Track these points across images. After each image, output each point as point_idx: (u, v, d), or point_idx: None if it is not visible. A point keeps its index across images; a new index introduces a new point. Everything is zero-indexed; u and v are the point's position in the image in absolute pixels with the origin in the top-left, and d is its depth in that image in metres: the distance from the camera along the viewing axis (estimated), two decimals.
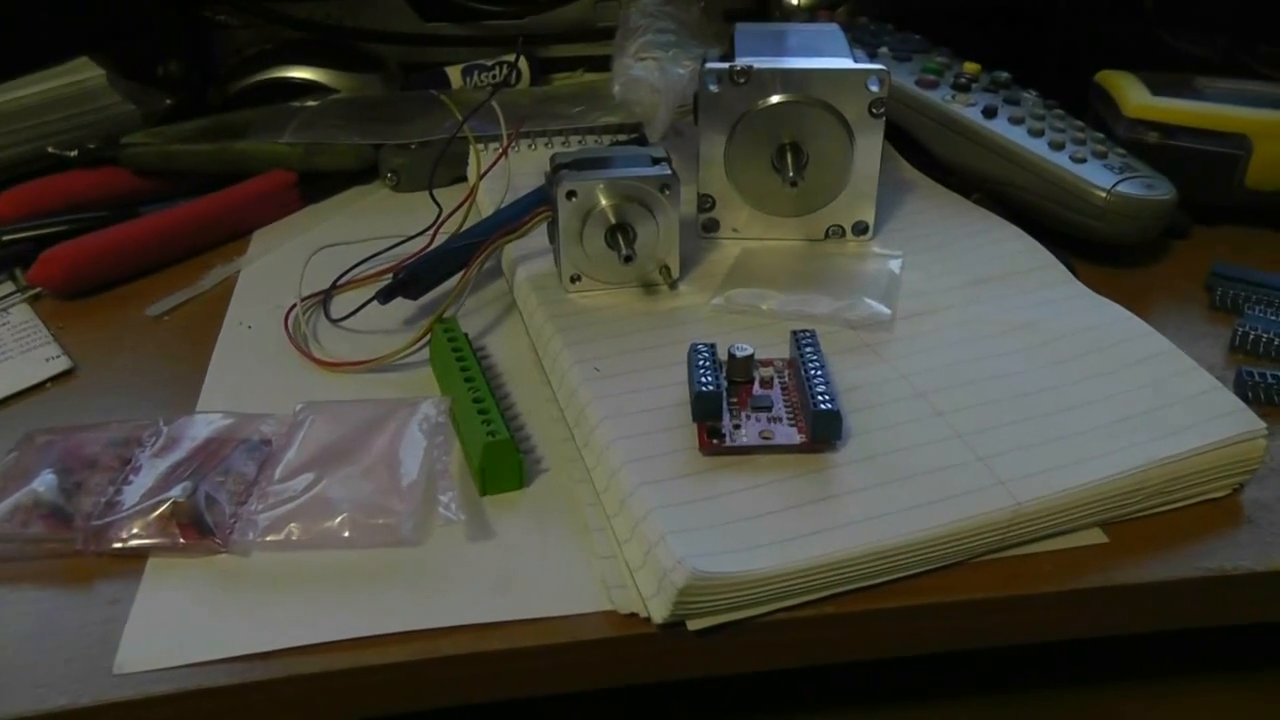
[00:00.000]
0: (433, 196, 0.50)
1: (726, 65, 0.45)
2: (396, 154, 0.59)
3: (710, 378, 0.35)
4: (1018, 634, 0.33)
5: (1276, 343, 0.43)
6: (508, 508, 0.35)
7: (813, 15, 0.68)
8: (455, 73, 0.69)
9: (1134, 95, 0.54)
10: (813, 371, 0.36)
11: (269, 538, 0.33)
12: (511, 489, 0.36)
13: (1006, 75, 0.56)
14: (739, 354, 0.37)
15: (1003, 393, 0.37)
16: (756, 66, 0.45)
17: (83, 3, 0.64)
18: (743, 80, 0.45)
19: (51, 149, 0.57)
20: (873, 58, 0.48)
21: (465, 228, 0.48)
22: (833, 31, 0.50)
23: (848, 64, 0.46)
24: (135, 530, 0.33)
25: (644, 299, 0.44)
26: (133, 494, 0.35)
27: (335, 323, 0.46)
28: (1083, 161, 0.49)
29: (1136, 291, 0.47)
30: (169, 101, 0.62)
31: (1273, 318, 0.45)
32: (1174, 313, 0.47)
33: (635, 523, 0.32)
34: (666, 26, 0.52)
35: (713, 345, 0.37)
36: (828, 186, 0.47)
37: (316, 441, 0.37)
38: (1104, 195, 0.48)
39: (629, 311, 0.43)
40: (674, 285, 0.44)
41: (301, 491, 0.35)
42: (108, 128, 0.58)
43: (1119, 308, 0.42)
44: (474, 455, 0.36)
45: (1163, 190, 0.49)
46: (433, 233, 0.49)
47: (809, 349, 0.37)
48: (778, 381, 0.38)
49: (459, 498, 0.35)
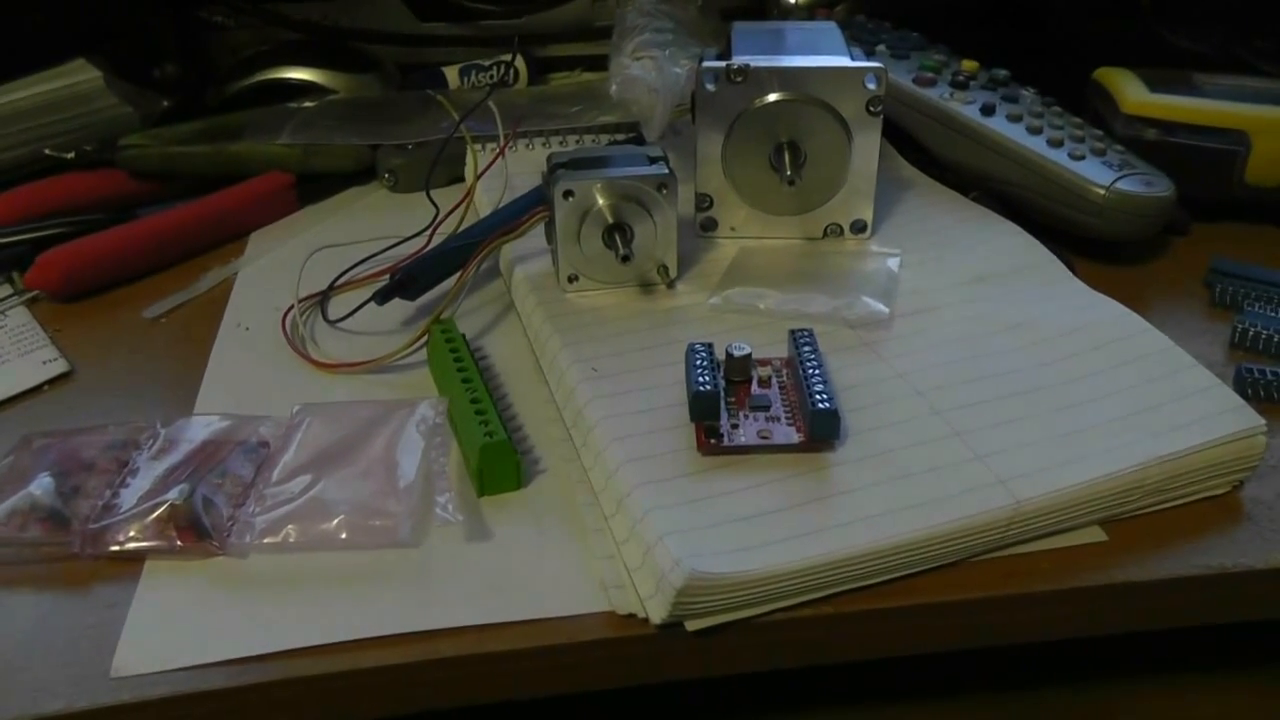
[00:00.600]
0: (430, 197, 0.50)
1: (724, 64, 0.45)
2: (394, 154, 0.59)
3: (708, 377, 0.35)
4: (1017, 633, 0.33)
5: (1276, 339, 0.43)
6: (505, 508, 0.35)
7: (810, 13, 0.68)
8: (452, 73, 0.69)
9: (1132, 92, 0.54)
10: (811, 370, 0.36)
11: (266, 540, 0.33)
12: (509, 490, 0.36)
13: (1005, 73, 0.56)
14: (737, 353, 0.37)
15: (1002, 391, 0.37)
16: (754, 65, 0.45)
17: (79, 4, 0.64)
18: (740, 79, 0.45)
19: (48, 151, 0.57)
20: (870, 56, 0.47)
21: (463, 228, 0.48)
22: (830, 29, 0.50)
23: (845, 62, 0.45)
24: (132, 533, 0.33)
25: (642, 298, 0.44)
26: (130, 497, 0.35)
27: (333, 324, 0.46)
28: (1081, 159, 0.49)
29: (1135, 289, 0.47)
30: (166, 103, 0.62)
31: (1272, 314, 0.45)
32: (1173, 310, 0.47)
33: (633, 523, 0.32)
34: (664, 25, 0.52)
35: (710, 345, 0.37)
36: (826, 185, 0.47)
37: (314, 443, 0.37)
38: (1103, 192, 0.48)
39: (627, 311, 0.43)
40: (672, 285, 0.44)
41: (299, 493, 0.35)
42: (105, 130, 0.58)
43: (1118, 305, 0.42)
44: (471, 456, 0.36)
45: (1162, 187, 0.49)
46: (430, 233, 0.49)
47: (807, 348, 0.37)
48: (776, 381, 0.38)
49: (456, 499, 0.35)
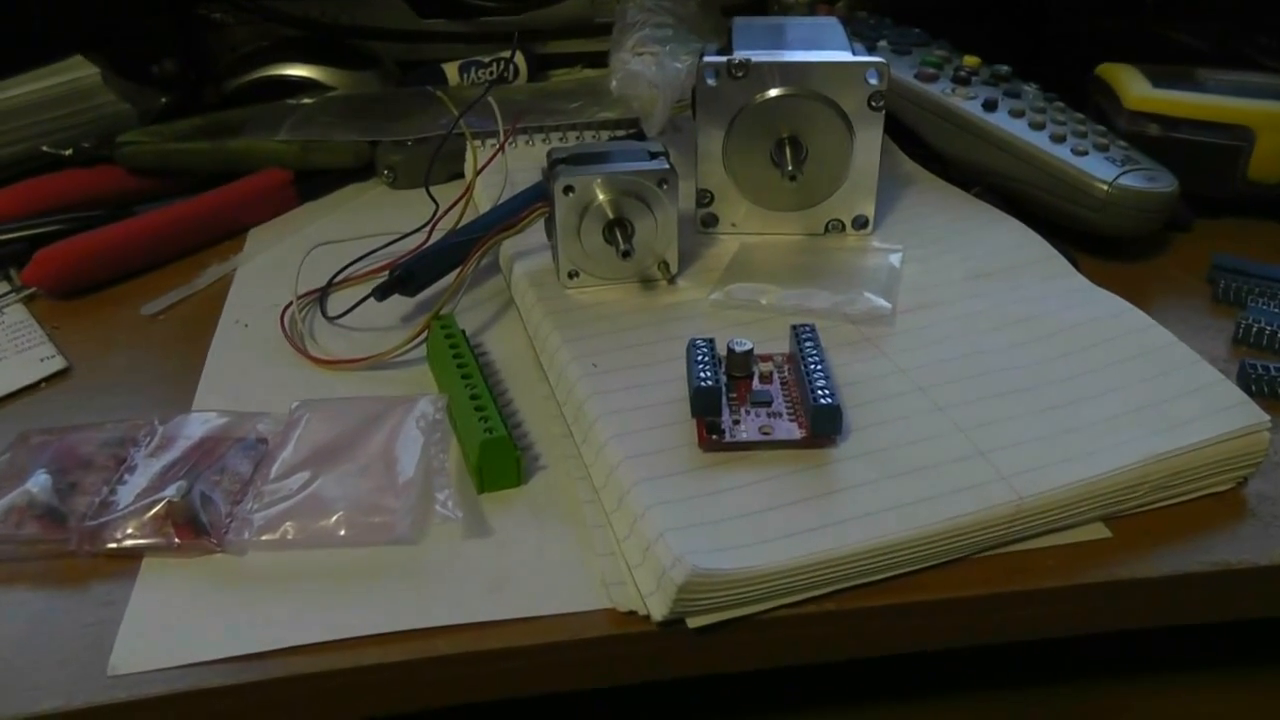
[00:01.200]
0: (429, 193, 0.50)
1: (724, 59, 0.45)
2: (393, 151, 0.59)
3: (709, 373, 0.35)
4: (1020, 630, 0.33)
5: None
6: (505, 505, 0.35)
7: (811, 9, 0.67)
8: (452, 69, 0.69)
9: (1135, 87, 0.54)
10: (812, 366, 0.36)
11: (265, 537, 0.33)
12: (509, 486, 0.36)
13: (1007, 68, 0.56)
14: (738, 349, 0.37)
15: (1004, 387, 0.37)
16: (755, 60, 0.45)
17: (77, 1, 0.63)
18: (741, 74, 0.45)
19: (46, 148, 0.57)
20: (872, 51, 0.47)
21: (462, 224, 0.48)
22: (831, 25, 0.50)
23: (847, 57, 0.45)
24: (130, 530, 0.33)
25: (642, 294, 0.44)
26: (127, 494, 0.34)
27: (332, 320, 0.46)
28: (1084, 154, 0.49)
29: (1138, 284, 0.47)
30: (164, 100, 0.62)
31: (1275, 310, 0.45)
32: (1176, 305, 0.46)
33: (634, 519, 0.32)
34: (664, 21, 0.52)
35: (711, 340, 0.37)
36: (827, 180, 0.47)
37: (312, 440, 0.36)
38: (1105, 188, 0.48)
39: (627, 307, 0.43)
40: (672, 280, 0.44)
41: (297, 490, 0.34)
42: (103, 126, 0.58)
43: (1121, 301, 0.42)
44: (471, 453, 0.36)
45: (1164, 183, 0.48)
46: (429, 229, 0.48)
47: (809, 343, 0.37)
48: (777, 376, 0.37)
49: (456, 495, 0.34)
